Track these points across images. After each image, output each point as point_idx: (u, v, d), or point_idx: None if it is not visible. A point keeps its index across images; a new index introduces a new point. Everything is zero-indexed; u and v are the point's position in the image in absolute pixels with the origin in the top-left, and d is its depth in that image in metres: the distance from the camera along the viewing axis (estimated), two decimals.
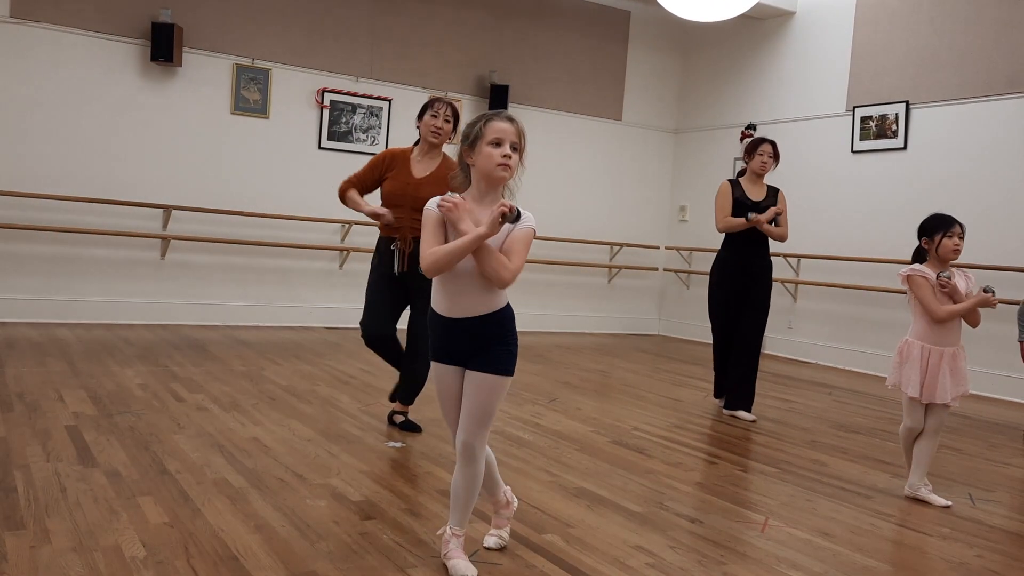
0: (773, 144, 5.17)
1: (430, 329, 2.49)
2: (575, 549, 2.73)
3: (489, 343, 2.41)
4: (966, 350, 3.59)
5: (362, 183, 4.21)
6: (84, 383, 4.74)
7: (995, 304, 3.48)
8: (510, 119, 2.39)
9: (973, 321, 3.51)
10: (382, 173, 4.14)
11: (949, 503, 3.54)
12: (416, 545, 2.67)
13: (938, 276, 3.47)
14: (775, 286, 8.60)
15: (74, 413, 4.04)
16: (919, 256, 3.61)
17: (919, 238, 3.60)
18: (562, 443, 4.19)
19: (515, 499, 2.78)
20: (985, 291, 3.49)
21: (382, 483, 3.30)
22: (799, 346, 8.49)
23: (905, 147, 7.62)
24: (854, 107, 8.02)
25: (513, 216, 2.30)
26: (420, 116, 4.12)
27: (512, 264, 2.34)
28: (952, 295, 3.47)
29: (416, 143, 4.19)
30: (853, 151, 8.08)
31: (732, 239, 5.18)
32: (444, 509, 3.03)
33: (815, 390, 6.56)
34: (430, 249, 2.35)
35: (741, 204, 5.10)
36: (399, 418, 4.27)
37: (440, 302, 2.43)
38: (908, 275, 3.53)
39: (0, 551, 2.37)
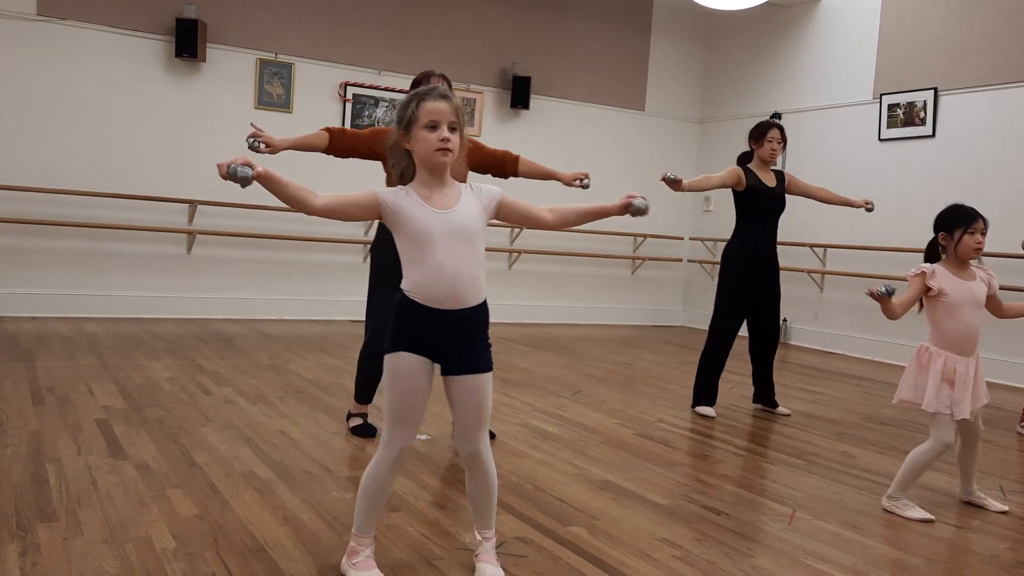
0: (781, 128, 4.98)
1: (401, 317, 2.24)
2: (601, 541, 2.73)
3: (473, 340, 2.26)
4: (1000, 341, 3.39)
5: (344, 141, 3.94)
6: (113, 377, 4.80)
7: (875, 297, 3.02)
8: (444, 96, 2.18)
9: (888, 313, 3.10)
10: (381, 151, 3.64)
11: (1006, 508, 3.33)
12: (443, 537, 2.68)
13: (883, 291, 3.00)
14: (801, 276, 8.58)
15: (104, 406, 4.09)
16: (932, 252, 3.25)
17: (935, 232, 3.23)
18: (587, 435, 4.19)
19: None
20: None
21: (408, 476, 3.31)
22: (826, 337, 8.42)
23: (933, 135, 7.51)
24: (881, 94, 7.91)
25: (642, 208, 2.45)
26: None
27: (547, 212, 2.43)
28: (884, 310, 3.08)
29: None
30: (880, 139, 7.98)
31: (748, 227, 4.96)
32: (472, 527, 3.03)
33: (842, 381, 6.50)
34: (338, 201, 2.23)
35: (759, 191, 4.90)
36: (357, 420, 3.98)
37: (428, 291, 2.20)
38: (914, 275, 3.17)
39: (33, 542, 2.41)
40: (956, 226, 3.18)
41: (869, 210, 5.23)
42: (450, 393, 2.30)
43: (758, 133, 4.99)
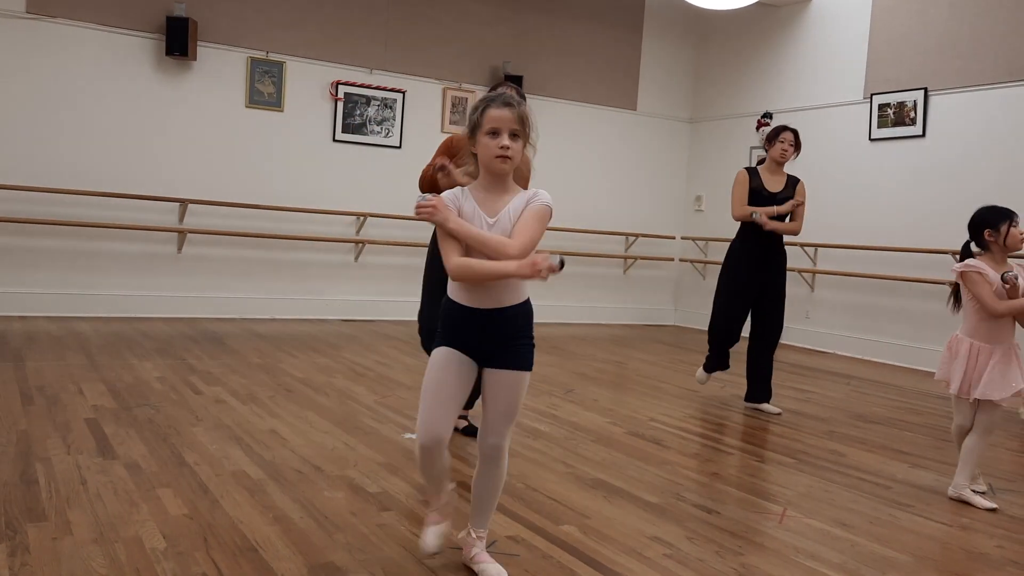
0: (795, 132, 5.04)
1: (443, 317, 2.36)
2: (592, 540, 2.73)
3: (511, 338, 2.32)
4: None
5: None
6: (103, 376, 4.78)
7: None
8: (508, 104, 2.23)
9: None
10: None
11: (995, 506, 3.37)
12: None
13: (1003, 276, 3.31)
14: (792, 275, 8.59)
15: (94, 406, 4.07)
16: (968, 250, 3.49)
17: (979, 231, 3.43)
18: (578, 434, 4.19)
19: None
20: None
21: (399, 475, 3.31)
22: (816, 336, 8.45)
23: (924, 134, 7.54)
24: (872, 94, 7.94)
25: (558, 269, 2.20)
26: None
27: (517, 239, 2.23)
28: (1012, 293, 3.31)
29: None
30: (871, 139, 8.01)
31: (747, 230, 5.04)
32: (462, 502, 3.04)
33: (833, 380, 6.53)
34: (457, 260, 2.24)
35: (758, 194, 4.97)
36: (462, 423, 4.02)
37: (461, 292, 2.31)
38: (963, 272, 3.39)
39: (23, 542, 2.40)
40: (1001, 221, 3.39)
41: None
42: (485, 385, 2.36)
43: (773, 135, 5.09)
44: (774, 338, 5.13)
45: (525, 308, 2.35)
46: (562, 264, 2.17)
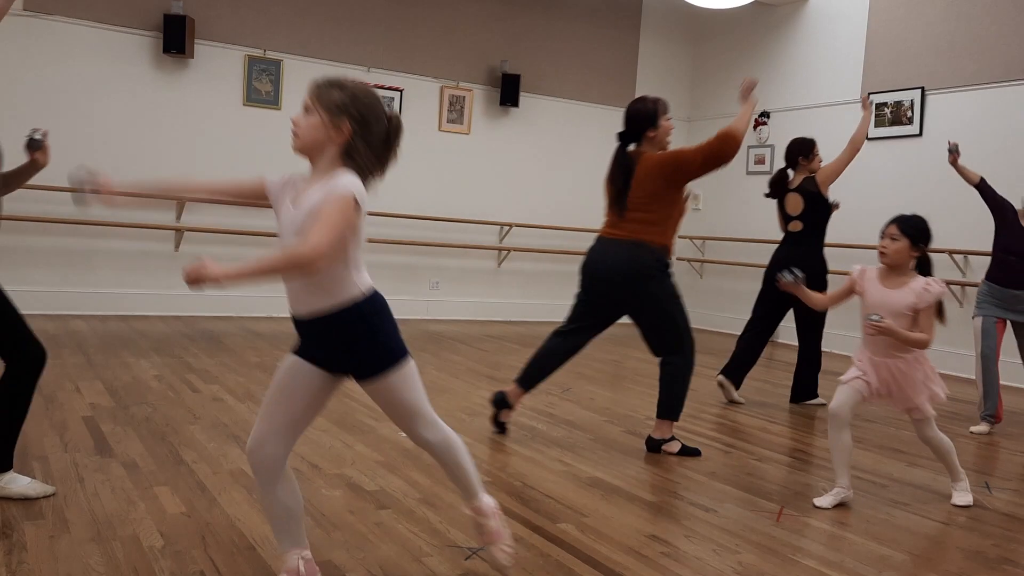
0: None
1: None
2: (590, 539, 2.74)
3: (354, 347, 2.05)
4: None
5: None
6: (100, 375, 4.77)
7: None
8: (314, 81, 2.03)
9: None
10: None
11: (839, 500, 3.25)
12: (431, 534, 2.68)
13: (868, 318, 3.23)
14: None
15: (91, 404, 4.07)
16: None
17: None
18: (576, 433, 4.19)
19: (493, 511, 2.37)
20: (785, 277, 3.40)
21: (397, 473, 3.31)
22: None
23: (920, 134, 7.55)
24: (869, 93, 7.94)
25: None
26: (654, 122, 3.97)
27: (311, 239, 1.83)
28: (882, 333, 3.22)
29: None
30: (868, 138, 7.99)
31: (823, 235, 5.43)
32: (460, 500, 3.04)
33: (828, 379, 6.53)
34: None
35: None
36: (675, 446, 3.90)
37: (287, 298, 2.08)
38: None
39: (20, 541, 2.40)
40: None
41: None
42: (373, 399, 2.20)
43: (808, 148, 5.39)
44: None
45: (353, 314, 2.02)
46: None
